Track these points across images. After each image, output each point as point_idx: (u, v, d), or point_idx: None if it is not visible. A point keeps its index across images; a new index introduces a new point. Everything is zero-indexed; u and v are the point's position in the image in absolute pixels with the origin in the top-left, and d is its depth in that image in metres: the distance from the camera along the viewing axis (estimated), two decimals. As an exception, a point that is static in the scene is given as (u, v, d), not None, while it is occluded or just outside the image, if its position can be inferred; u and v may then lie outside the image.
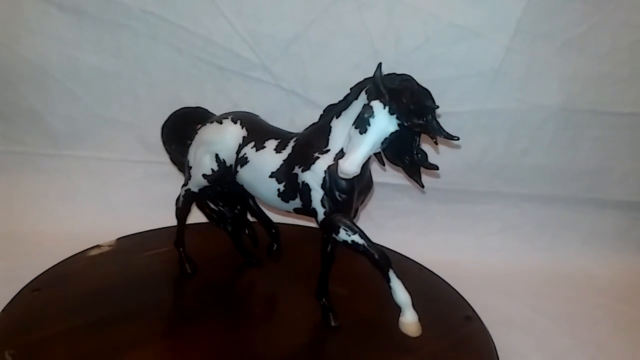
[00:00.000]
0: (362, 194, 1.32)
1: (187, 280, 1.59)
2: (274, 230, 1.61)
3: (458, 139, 1.15)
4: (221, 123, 1.43)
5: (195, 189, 1.51)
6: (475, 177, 1.99)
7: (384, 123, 1.13)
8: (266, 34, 1.81)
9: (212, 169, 1.43)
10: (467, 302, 1.59)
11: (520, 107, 1.88)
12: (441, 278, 1.72)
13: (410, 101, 1.14)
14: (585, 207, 2.04)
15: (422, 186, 1.25)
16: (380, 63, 1.16)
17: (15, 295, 1.42)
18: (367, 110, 1.14)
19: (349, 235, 1.23)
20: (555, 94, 1.86)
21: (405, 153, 1.19)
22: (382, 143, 1.15)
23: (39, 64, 1.87)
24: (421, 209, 2.05)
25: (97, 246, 1.70)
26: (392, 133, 1.14)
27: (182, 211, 1.58)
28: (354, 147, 1.14)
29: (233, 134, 1.39)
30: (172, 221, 1.88)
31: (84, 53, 1.87)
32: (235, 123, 1.41)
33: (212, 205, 1.62)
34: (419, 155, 1.19)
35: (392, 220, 2.05)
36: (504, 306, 1.71)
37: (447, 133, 1.17)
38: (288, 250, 1.64)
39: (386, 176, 1.94)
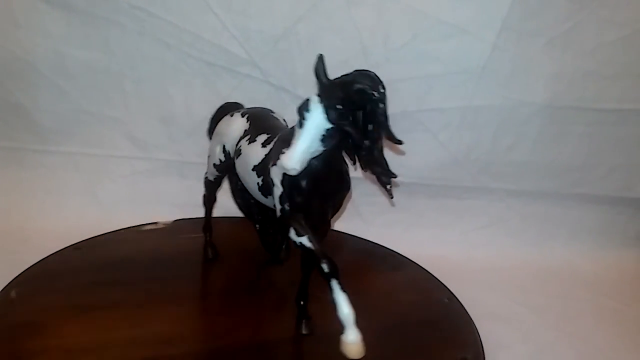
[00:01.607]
0: (333, 196, 1.27)
1: (206, 264, 1.68)
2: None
3: (401, 142, 1.11)
4: (232, 116, 1.47)
5: (211, 178, 1.58)
6: (462, 172, 2.01)
7: (319, 118, 1.08)
8: (255, 30, 1.81)
9: (219, 159, 1.48)
10: (454, 295, 1.62)
11: (506, 104, 1.90)
12: (428, 272, 1.74)
13: (340, 99, 1.07)
14: (570, 202, 2.06)
15: (391, 196, 1.18)
16: (321, 55, 1.14)
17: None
18: (305, 104, 1.11)
19: (297, 237, 1.19)
20: (541, 91, 1.88)
21: (357, 151, 1.14)
22: (322, 140, 1.10)
23: (27, 59, 1.85)
24: (408, 204, 2.06)
25: (154, 223, 1.86)
26: (329, 129, 1.09)
27: (206, 198, 1.66)
28: (293, 143, 1.10)
29: (237, 126, 1.42)
30: (159, 217, 1.90)
31: (72, 48, 1.86)
32: (243, 117, 1.43)
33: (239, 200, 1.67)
34: (366, 154, 1.11)
35: (380, 216, 2.06)
36: (490, 300, 1.73)
37: (391, 134, 1.11)
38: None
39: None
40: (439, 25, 1.80)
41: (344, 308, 1.14)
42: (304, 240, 1.19)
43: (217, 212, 1.72)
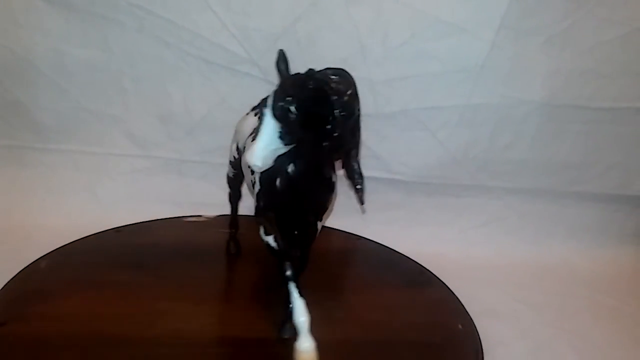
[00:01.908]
0: (312, 198, 1.20)
1: (229, 258, 1.72)
2: None
3: (362, 202, 1.09)
4: (248, 114, 1.47)
5: (230, 174, 1.59)
6: (460, 170, 2.01)
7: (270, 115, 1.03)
8: (254, 28, 1.81)
9: (233, 156, 1.49)
10: (452, 292, 1.62)
11: (504, 102, 1.90)
12: (427, 269, 1.74)
13: (285, 96, 1.00)
14: (568, 200, 2.07)
15: (361, 202, 1.15)
16: (281, 50, 1.08)
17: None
18: (266, 98, 1.05)
19: (265, 235, 1.19)
20: (539, 89, 1.89)
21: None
22: (281, 137, 1.03)
23: (26, 57, 1.85)
24: (407, 202, 2.07)
25: (198, 215, 1.92)
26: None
27: (230, 195, 1.68)
28: (256, 138, 1.05)
29: (249, 124, 1.40)
30: (158, 214, 1.91)
31: (71, 46, 1.86)
32: (256, 115, 1.42)
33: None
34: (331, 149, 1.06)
35: (378, 214, 2.07)
36: (488, 297, 1.74)
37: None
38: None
39: (372, 170, 1.96)
40: (438, 23, 1.80)
41: (300, 314, 1.16)
42: (270, 240, 1.20)
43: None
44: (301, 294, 1.16)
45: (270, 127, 1.02)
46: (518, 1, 1.76)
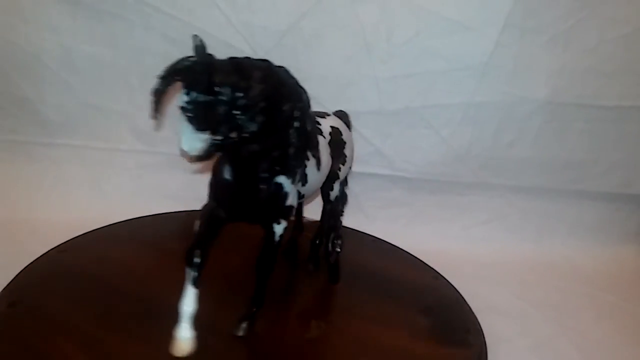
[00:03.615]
0: (237, 201, 1.22)
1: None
2: (317, 242, 1.65)
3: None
4: None
5: None
6: (463, 168, 2.02)
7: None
8: (260, 26, 1.82)
9: None
10: (456, 290, 1.63)
11: (508, 100, 1.92)
12: (430, 266, 1.75)
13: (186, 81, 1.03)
14: (570, 199, 2.08)
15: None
16: (196, 37, 1.04)
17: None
18: None
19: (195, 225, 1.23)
20: (542, 88, 1.90)
21: None
22: (190, 121, 1.04)
23: (33, 53, 1.87)
24: (410, 199, 2.08)
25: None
26: None
27: None
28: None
29: None
30: (163, 209, 1.91)
31: (78, 43, 1.87)
32: None
33: None
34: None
35: (382, 211, 2.08)
36: (490, 294, 1.75)
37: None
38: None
39: (375, 166, 1.98)
40: (442, 21, 1.81)
41: (185, 303, 1.17)
42: (195, 224, 1.22)
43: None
44: (196, 285, 1.17)
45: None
46: (522, 0, 1.77)
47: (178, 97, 1.03)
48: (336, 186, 1.51)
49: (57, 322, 1.29)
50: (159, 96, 1.06)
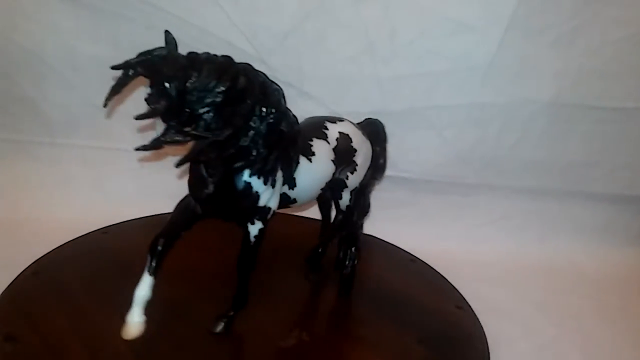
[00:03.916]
0: (196, 195, 1.27)
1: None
2: (320, 250, 1.63)
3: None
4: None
5: None
6: (466, 169, 2.02)
7: None
8: (262, 26, 1.82)
9: None
10: (458, 291, 1.63)
11: (511, 101, 1.91)
12: (432, 268, 1.75)
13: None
14: (573, 200, 2.07)
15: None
16: (168, 34, 1.12)
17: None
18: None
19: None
20: (546, 89, 1.89)
21: None
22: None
23: (35, 52, 1.86)
24: (413, 200, 2.07)
25: None
26: None
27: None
28: None
29: None
30: (167, 209, 1.90)
31: (81, 42, 1.86)
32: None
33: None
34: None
35: (384, 211, 2.06)
36: (493, 295, 1.75)
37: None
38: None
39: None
40: (446, 22, 1.80)
41: (140, 288, 1.21)
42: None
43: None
44: (153, 274, 1.22)
45: None
46: (526, 0, 1.77)
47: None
48: (345, 195, 1.47)
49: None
50: (118, 88, 1.13)
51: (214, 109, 1.06)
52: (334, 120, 1.46)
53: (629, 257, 2.09)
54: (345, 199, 1.48)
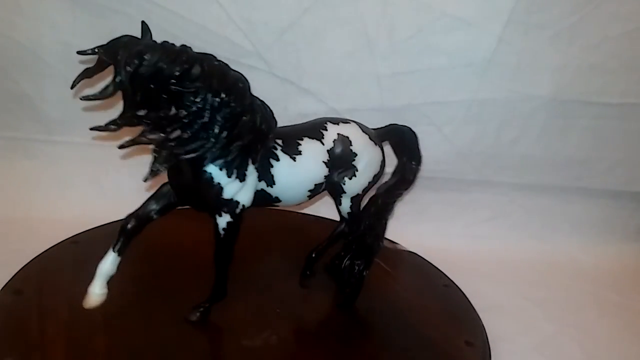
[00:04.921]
0: (173, 183, 1.30)
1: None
2: (314, 255, 1.59)
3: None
4: None
5: None
6: (466, 166, 2.02)
7: None
8: (260, 22, 1.81)
9: None
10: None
11: (511, 97, 1.91)
12: (433, 265, 1.74)
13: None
14: (573, 196, 2.07)
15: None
16: (143, 24, 1.18)
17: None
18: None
19: None
20: (546, 84, 1.89)
21: None
22: None
23: (32, 49, 1.85)
24: (413, 197, 2.05)
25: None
26: None
27: None
28: None
29: None
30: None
31: (78, 38, 1.85)
32: None
33: None
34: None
35: (384, 209, 2.07)
36: (493, 292, 1.74)
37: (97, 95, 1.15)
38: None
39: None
40: (445, 18, 1.80)
41: (104, 262, 1.24)
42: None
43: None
44: (117, 251, 1.24)
45: None
46: (526, -5, 1.76)
47: None
48: (345, 201, 1.41)
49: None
50: (90, 73, 1.20)
51: (164, 93, 1.10)
52: (337, 121, 1.40)
53: (629, 252, 2.10)
54: (345, 205, 1.42)
